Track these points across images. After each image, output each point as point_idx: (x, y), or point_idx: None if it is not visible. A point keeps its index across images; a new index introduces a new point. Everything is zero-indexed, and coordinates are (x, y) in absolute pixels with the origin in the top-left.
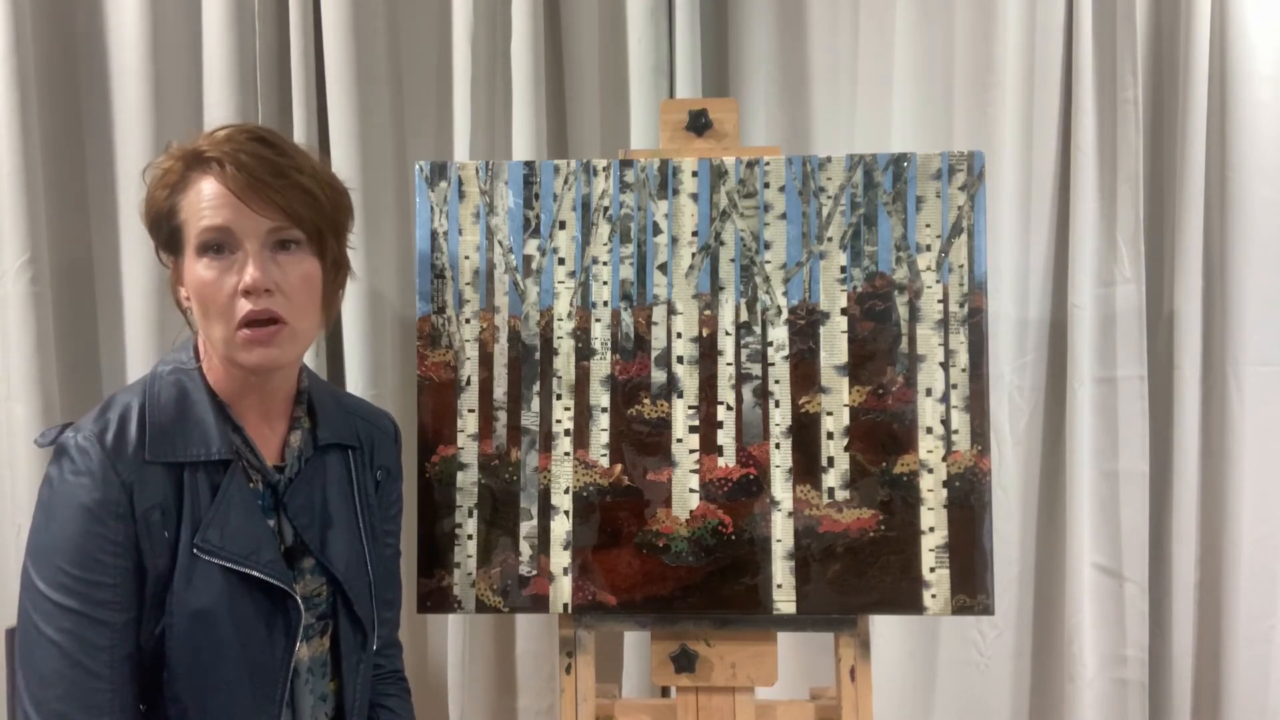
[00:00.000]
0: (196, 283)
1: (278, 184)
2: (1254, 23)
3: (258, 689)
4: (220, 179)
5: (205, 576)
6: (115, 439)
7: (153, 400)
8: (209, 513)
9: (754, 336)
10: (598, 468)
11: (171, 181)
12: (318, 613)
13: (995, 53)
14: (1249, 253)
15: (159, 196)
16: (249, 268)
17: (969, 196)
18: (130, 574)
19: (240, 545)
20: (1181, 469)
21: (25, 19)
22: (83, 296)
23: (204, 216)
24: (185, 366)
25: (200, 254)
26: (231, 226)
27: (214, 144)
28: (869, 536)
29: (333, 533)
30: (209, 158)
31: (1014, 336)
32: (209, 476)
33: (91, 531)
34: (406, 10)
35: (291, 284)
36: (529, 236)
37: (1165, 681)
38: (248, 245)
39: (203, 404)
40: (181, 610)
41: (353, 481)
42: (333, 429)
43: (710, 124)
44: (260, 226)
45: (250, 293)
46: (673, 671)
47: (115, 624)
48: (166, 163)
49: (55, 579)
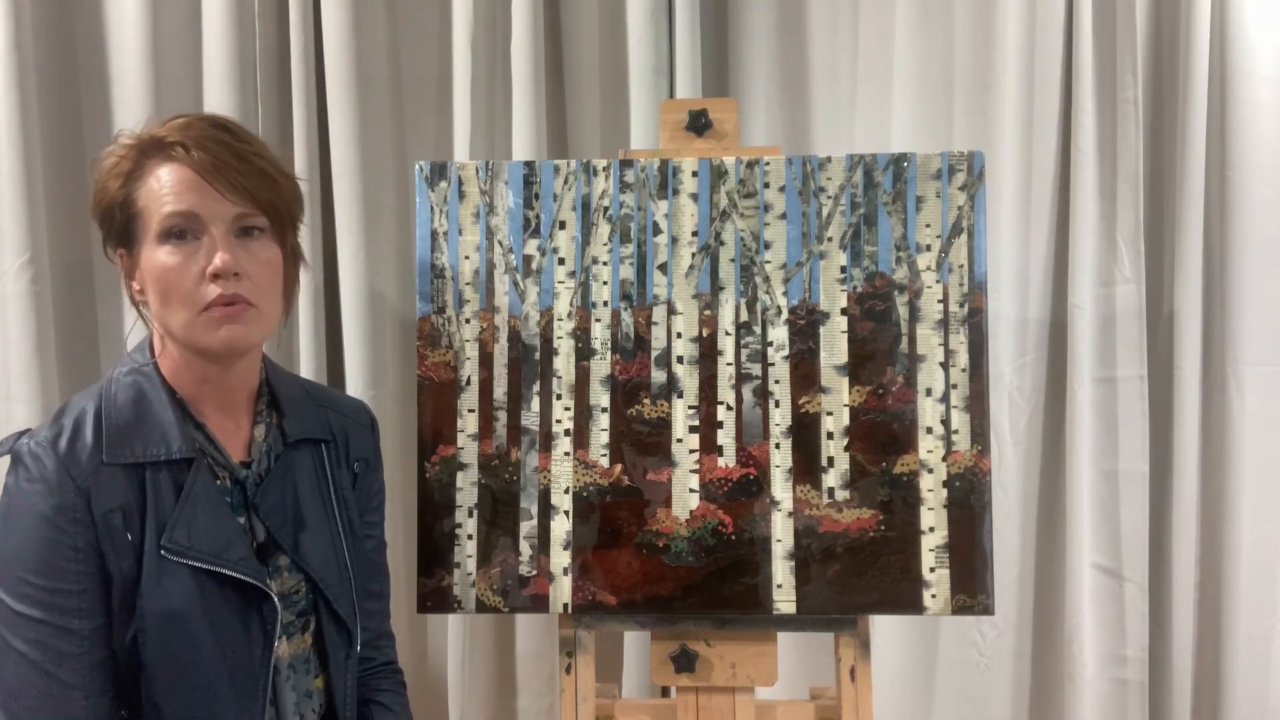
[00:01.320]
0: (158, 269)
1: (242, 168)
2: (1254, 23)
3: (238, 688)
4: (185, 163)
5: (175, 577)
6: (69, 444)
7: (109, 402)
8: (174, 512)
9: (754, 336)
10: (598, 468)
11: (125, 170)
12: (296, 610)
13: (995, 53)
14: (1249, 253)
15: (111, 187)
16: (218, 252)
17: (969, 196)
18: (94, 579)
19: (209, 544)
20: (1181, 469)
21: (25, 19)
22: (83, 296)
23: (167, 202)
24: (141, 367)
25: (162, 241)
26: (198, 211)
27: (172, 130)
28: (869, 536)
29: (306, 532)
30: (169, 143)
31: (1014, 336)
32: (172, 476)
33: (50, 539)
34: (406, 10)
35: (258, 269)
36: (529, 236)
37: (1165, 681)
38: (214, 230)
39: (161, 402)
40: (152, 613)
41: (327, 476)
42: (301, 423)
43: (710, 124)
44: (227, 211)
45: (219, 276)
46: (673, 671)
47: (83, 631)
48: (119, 151)
49: (18, 589)
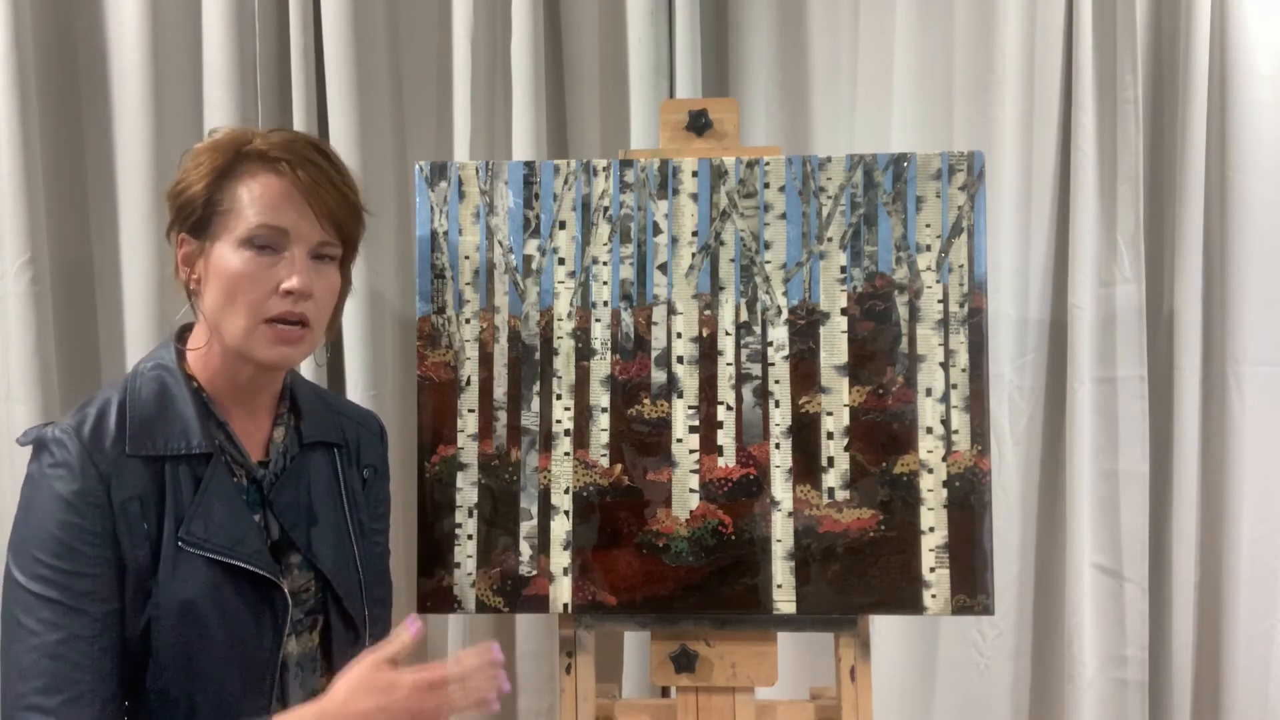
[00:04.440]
0: (231, 272)
1: (336, 196)
2: (1254, 23)
3: (246, 680)
4: (288, 179)
5: (191, 568)
6: (93, 431)
7: (133, 395)
8: (192, 505)
9: (754, 336)
10: (598, 468)
11: (218, 168)
12: (306, 608)
13: (995, 53)
14: (1249, 253)
15: (200, 182)
16: (297, 272)
17: (969, 196)
18: (110, 565)
19: (225, 537)
20: (1181, 469)
21: (25, 19)
22: (83, 296)
23: (261, 212)
24: (166, 363)
25: (244, 246)
26: (288, 228)
27: (276, 145)
28: (869, 536)
29: (319, 529)
30: (273, 157)
31: (1014, 336)
32: (191, 470)
33: (69, 522)
34: (406, 10)
35: (323, 293)
36: (529, 236)
37: (1165, 681)
38: (295, 249)
39: (183, 399)
40: (168, 602)
41: (339, 479)
42: (317, 426)
43: (710, 124)
44: (314, 235)
45: (292, 294)
46: (673, 671)
47: (96, 615)
48: (215, 148)
49: (35, 571)
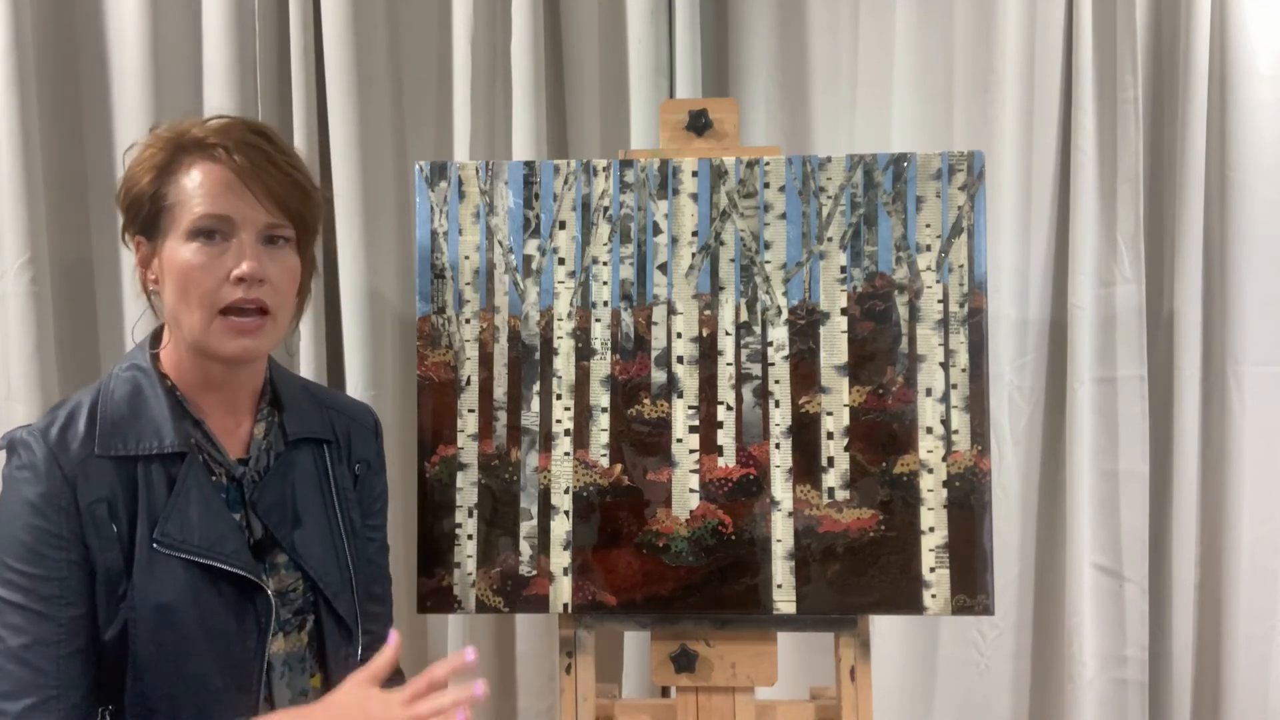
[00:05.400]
0: (181, 266)
1: (279, 177)
2: (1254, 23)
3: (230, 682)
4: (225, 165)
5: (167, 570)
6: (60, 433)
7: (106, 396)
8: (166, 506)
9: (754, 336)
10: (598, 468)
11: (159, 163)
12: (294, 608)
13: (995, 53)
14: (1249, 253)
15: (143, 178)
16: (245, 257)
17: (969, 196)
18: (77, 568)
19: (202, 537)
20: (1181, 469)
21: (25, 19)
22: (83, 296)
23: (202, 202)
24: (141, 364)
25: (190, 238)
26: (231, 215)
27: (212, 132)
28: (869, 536)
29: (304, 530)
30: (210, 144)
31: (1014, 336)
32: (165, 470)
33: (34, 526)
34: (406, 10)
35: (280, 277)
36: (529, 236)
37: (1165, 681)
38: (243, 235)
39: (156, 397)
40: (144, 605)
41: (327, 475)
42: (303, 422)
43: (710, 124)
44: (259, 218)
45: (244, 280)
46: (673, 671)
47: (62, 620)
48: (155, 143)
49: (1, 575)
